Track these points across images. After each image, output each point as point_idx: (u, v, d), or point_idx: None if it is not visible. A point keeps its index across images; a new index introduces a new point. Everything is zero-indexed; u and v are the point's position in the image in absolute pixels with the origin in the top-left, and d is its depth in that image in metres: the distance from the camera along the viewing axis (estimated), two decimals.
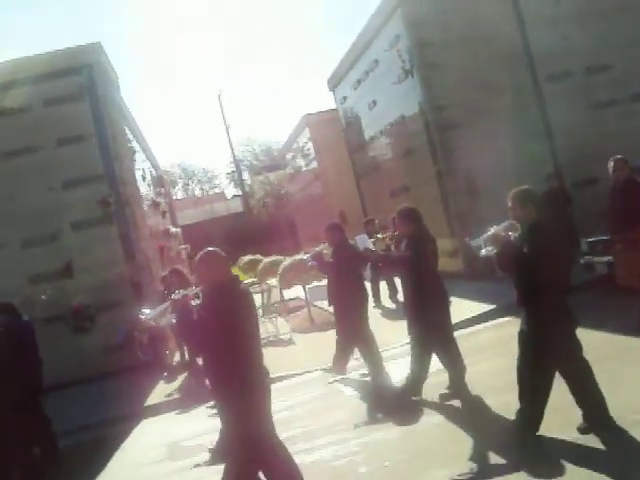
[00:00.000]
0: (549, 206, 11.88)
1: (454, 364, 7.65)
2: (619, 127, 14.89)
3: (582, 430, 5.67)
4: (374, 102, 18.53)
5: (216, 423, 6.08)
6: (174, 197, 39.00)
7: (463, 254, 14.74)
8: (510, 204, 5.74)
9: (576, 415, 5.74)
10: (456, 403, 7.44)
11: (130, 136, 17.32)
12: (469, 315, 11.58)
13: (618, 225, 8.90)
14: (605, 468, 5.02)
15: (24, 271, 13.70)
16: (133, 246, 14.11)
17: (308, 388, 9.86)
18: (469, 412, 7.08)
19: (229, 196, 55.12)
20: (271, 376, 5.62)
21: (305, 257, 10.02)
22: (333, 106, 23.34)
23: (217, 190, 63.61)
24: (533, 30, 15.48)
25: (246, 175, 52.57)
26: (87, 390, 12.46)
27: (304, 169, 29.00)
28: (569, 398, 5.73)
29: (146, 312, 6.91)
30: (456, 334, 10.92)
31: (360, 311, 9.29)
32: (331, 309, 10.34)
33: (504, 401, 6.54)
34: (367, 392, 8.81)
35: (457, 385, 7.59)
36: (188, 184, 65.85)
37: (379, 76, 17.65)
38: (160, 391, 11.67)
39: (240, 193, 54.59)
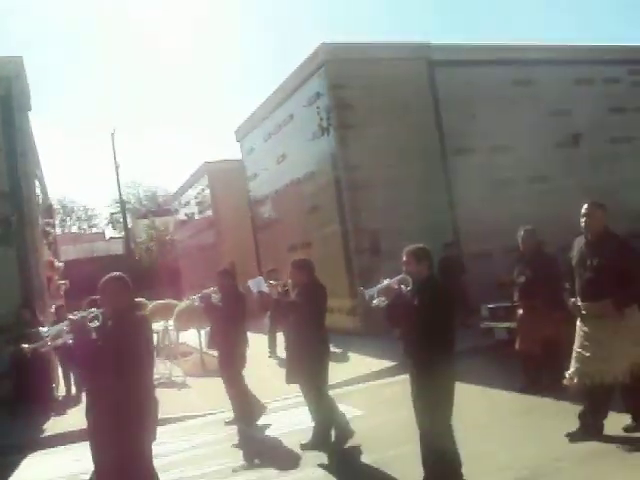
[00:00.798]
0: (444, 273, 12.45)
1: (321, 416, 7.93)
2: (516, 206, 15.69)
3: None
4: (283, 156, 18.84)
5: None
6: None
7: (361, 310, 15.09)
8: (405, 259, 6.01)
9: None
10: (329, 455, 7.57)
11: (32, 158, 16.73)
12: (375, 369, 11.86)
13: (523, 292, 9.23)
14: None
15: None
16: (31, 270, 13.50)
17: (201, 431, 9.73)
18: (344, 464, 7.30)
19: (107, 237, 53.97)
20: (166, 416, 5.62)
21: (195, 297, 10.15)
22: (232, 157, 23.56)
23: (95, 230, 62.27)
24: (445, 106, 16.38)
25: (128, 218, 51.54)
26: None
27: (197, 217, 28.79)
28: None
29: (44, 330, 6.68)
30: (362, 386, 11.37)
31: (238, 359, 9.48)
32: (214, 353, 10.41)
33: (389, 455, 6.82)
34: (255, 437, 8.87)
35: (320, 437, 7.86)
36: (65, 220, 63.92)
37: (292, 131, 18.02)
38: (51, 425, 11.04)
39: (119, 235, 53.44)
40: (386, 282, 6.10)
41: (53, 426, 10.93)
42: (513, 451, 6.71)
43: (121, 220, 54.65)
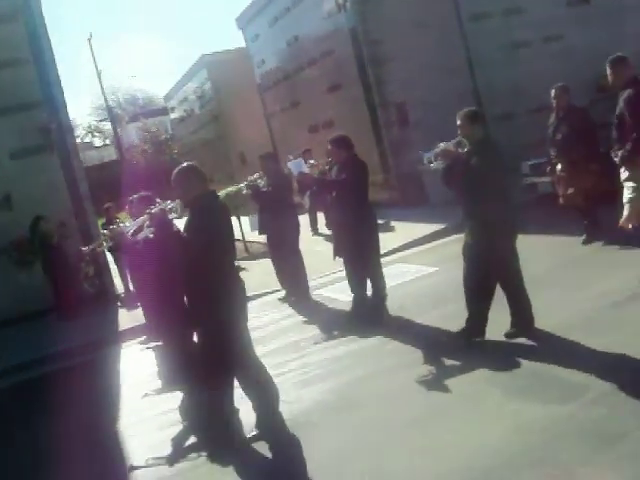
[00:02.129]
0: None
1: (377, 283, 8.13)
2: (531, 67, 15.85)
3: (510, 335, 6.34)
4: (295, 38, 18.73)
5: None
6: None
7: (395, 181, 15.53)
8: (459, 122, 6.27)
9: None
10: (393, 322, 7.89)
11: None
12: (428, 232, 12.31)
13: (561, 148, 9.34)
14: (541, 359, 5.72)
15: None
16: (75, 175, 13.68)
17: (263, 310, 10.00)
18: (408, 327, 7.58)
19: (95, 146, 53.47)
20: None
21: (241, 186, 10.29)
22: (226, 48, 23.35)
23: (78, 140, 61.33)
24: None
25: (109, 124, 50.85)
26: (40, 324, 12.07)
27: (197, 112, 28.64)
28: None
29: (126, 226, 6.97)
30: (424, 247, 11.86)
31: (293, 238, 9.89)
32: (261, 239, 10.69)
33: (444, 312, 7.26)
34: (315, 313, 9.18)
35: (377, 302, 8.11)
36: None
37: (302, 12, 17.85)
38: (126, 319, 11.47)
39: (104, 143, 53.06)
40: (443, 145, 6.36)
41: (125, 321, 11.35)
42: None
43: (103, 128, 54.15)
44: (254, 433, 5.47)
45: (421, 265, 10.41)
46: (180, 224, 5.63)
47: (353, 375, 6.49)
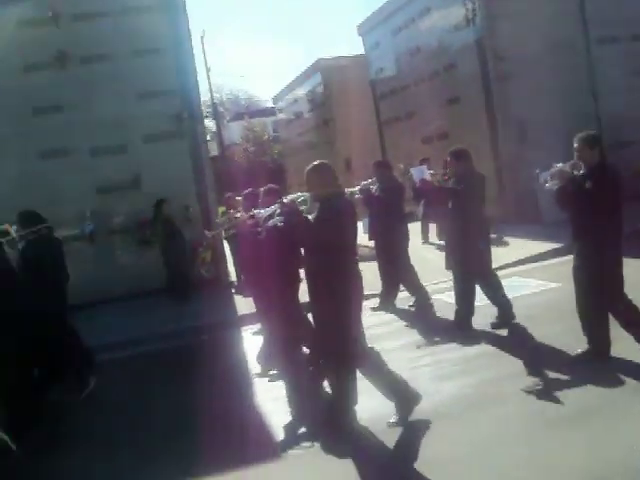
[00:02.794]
0: None
1: (495, 297, 8.35)
2: None
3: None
4: (418, 49, 18.95)
5: None
6: None
7: (510, 197, 15.55)
8: (577, 145, 6.31)
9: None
10: (504, 332, 8.08)
11: None
12: (547, 248, 12.32)
13: None
14: None
15: (92, 181, 13.73)
16: (203, 163, 14.26)
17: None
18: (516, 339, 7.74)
19: None
20: None
21: (355, 190, 10.43)
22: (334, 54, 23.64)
23: None
24: None
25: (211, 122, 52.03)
26: (156, 301, 12.65)
27: (306, 115, 29.14)
28: None
29: (260, 211, 7.23)
30: (545, 263, 11.79)
31: (402, 245, 10.00)
32: (370, 244, 10.86)
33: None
34: (414, 320, 9.35)
35: (504, 317, 8.27)
36: None
37: (428, 24, 18.08)
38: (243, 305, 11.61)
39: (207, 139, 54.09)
40: (559, 166, 6.44)
41: (242, 307, 11.51)
42: None
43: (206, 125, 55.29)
44: (393, 420, 5.71)
45: (541, 280, 10.43)
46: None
47: (488, 375, 6.65)
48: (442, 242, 14.92)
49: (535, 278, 10.71)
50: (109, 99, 13.69)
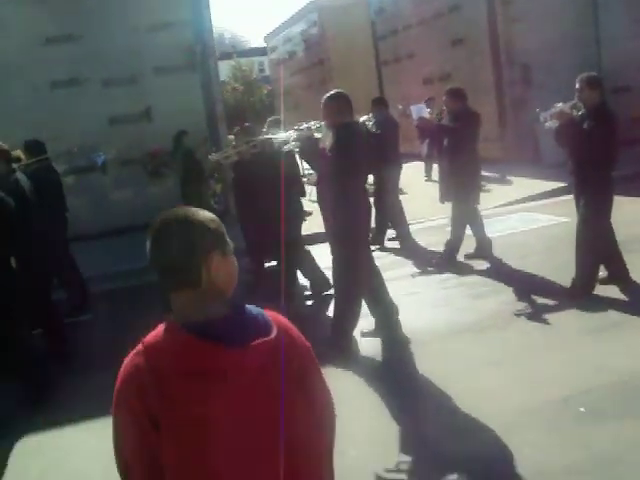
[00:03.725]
0: None
1: (478, 232, 8.75)
2: None
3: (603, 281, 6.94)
4: None
5: None
6: None
7: (510, 137, 15.89)
8: (579, 86, 6.55)
9: None
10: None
11: None
12: (553, 187, 12.65)
13: None
14: None
15: (103, 111, 13.65)
16: (214, 97, 14.32)
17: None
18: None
19: None
20: None
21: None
22: None
23: None
24: None
25: None
26: None
27: (301, 55, 28.96)
28: None
29: (274, 137, 7.27)
30: (553, 200, 12.13)
31: (393, 181, 10.26)
32: None
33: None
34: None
35: (480, 251, 8.73)
36: None
37: None
38: None
39: None
40: (560, 105, 6.74)
41: None
42: None
43: None
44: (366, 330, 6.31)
45: (551, 215, 10.83)
46: None
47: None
48: None
49: (545, 213, 11.11)
50: (122, 30, 13.54)
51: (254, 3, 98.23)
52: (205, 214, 1.91)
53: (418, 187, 14.74)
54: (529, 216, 11.06)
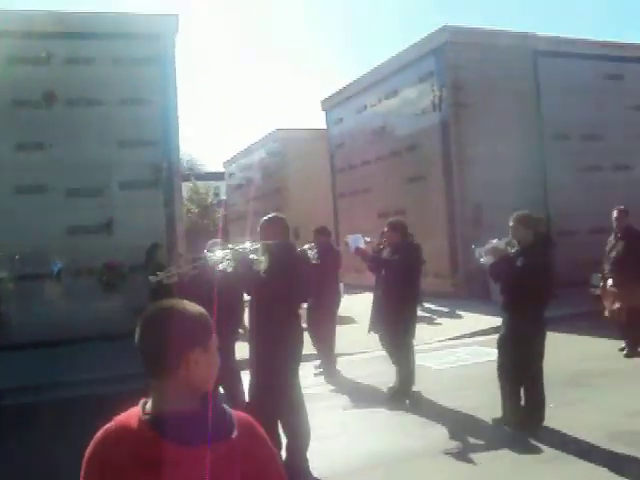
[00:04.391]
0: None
1: (404, 365, 8.47)
2: (600, 192, 16.93)
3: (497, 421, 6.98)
4: (382, 128, 19.94)
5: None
6: None
7: (461, 274, 16.35)
8: (512, 224, 6.79)
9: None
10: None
11: None
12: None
13: (613, 265, 10.06)
14: None
15: (64, 220, 13.72)
16: (175, 215, 14.55)
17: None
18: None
19: None
20: None
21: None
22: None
23: None
24: (546, 93, 17.68)
25: None
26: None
27: (259, 182, 29.64)
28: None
29: (209, 255, 7.23)
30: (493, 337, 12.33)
31: (331, 310, 10.24)
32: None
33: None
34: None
35: (403, 385, 8.43)
36: None
37: (395, 105, 19.17)
38: None
39: None
40: (494, 242, 6.96)
41: None
42: None
43: None
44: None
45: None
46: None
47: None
48: None
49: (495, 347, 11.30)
50: (91, 143, 13.94)
51: (211, 130, 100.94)
52: (194, 309, 1.99)
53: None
54: (481, 350, 11.26)
